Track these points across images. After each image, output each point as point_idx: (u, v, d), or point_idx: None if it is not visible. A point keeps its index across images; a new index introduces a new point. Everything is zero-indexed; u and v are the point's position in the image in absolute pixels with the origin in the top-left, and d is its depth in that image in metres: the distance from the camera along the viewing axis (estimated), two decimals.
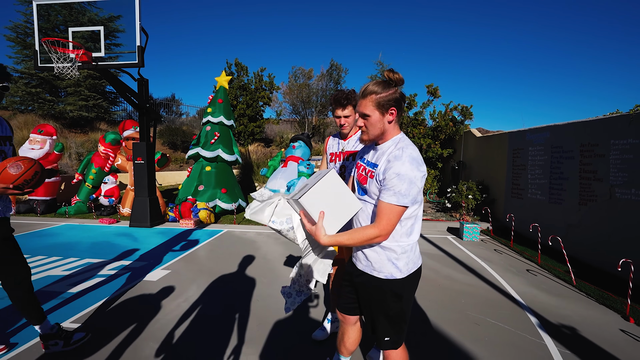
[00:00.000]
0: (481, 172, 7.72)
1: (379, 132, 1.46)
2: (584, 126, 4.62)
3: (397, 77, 1.41)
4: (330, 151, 2.38)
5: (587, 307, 3.23)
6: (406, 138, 1.49)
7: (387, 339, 1.56)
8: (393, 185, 1.33)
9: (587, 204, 4.47)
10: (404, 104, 1.48)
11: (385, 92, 1.41)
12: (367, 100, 1.43)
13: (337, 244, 1.43)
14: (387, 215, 1.35)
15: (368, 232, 1.38)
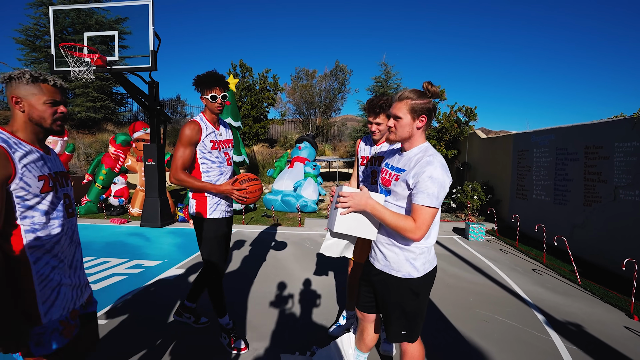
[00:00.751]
0: (486, 173, 7.81)
1: (407, 135, 1.57)
2: (588, 129, 4.70)
3: (434, 90, 1.53)
4: (361, 154, 2.45)
5: (592, 305, 3.32)
6: (432, 147, 1.59)
7: (404, 332, 1.67)
8: (426, 188, 1.43)
9: (592, 205, 4.56)
10: (433, 116, 1.57)
11: (420, 100, 1.52)
12: (402, 104, 1.54)
13: (376, 213, 1.51)
14: (422, 216, 1.44)
15: (407, 223, 1.46)
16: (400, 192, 1.56)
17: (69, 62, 4.93)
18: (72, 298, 1.33)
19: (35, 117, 1.25)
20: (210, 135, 2.23)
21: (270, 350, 2.40)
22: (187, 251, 4.84)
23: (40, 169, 1.24)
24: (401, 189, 1.55)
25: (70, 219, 1.38)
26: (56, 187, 1.30)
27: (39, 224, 1.23)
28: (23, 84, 1.23)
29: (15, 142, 1.20)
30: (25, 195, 1.18)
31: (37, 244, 1.22)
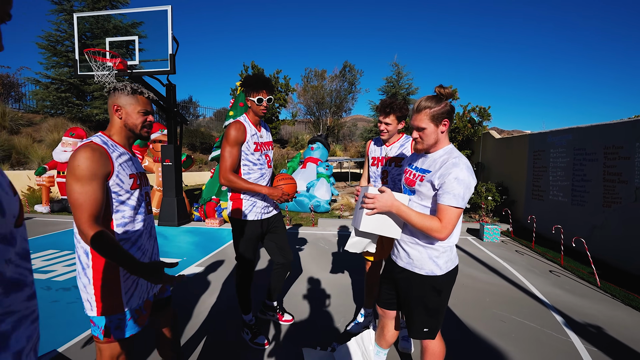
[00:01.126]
0: (500, 174, 7.73)
1: (434, 141, 1.62)
2: (608, 129, 4.63)
3: (447, 92, 1.58)
4: (372, 155, 2.51)
5: (613, 308, 3.28)
6: (456, 149, 1.64)
7: (426, 329, 1.71)
8: (452, 189, 1.48)
9: (612, 205, 4.48)
10: (454, 114, 1.63)
11: (439, 106, 1.57)
12: (422, 115, 1.58)
13: (402, 214, 1.55)
14: (447, 216, 1.49)
15: (432, 223, 1.50)
16: (425, 192, 1.61)
17: (92, 67, 5.11)
18: (147, 289, 1.49)
19: (129, 123, 1.43)
20: (254, 137, 2.27)
21: (292, 345, 2.46)
22: (205, 250, 4.96)
23: (130, 168, 1.42)
24: (426, 189, 1.60)
25: (149, 215, 1.54)
26: (141, 185, 1.47)
27: (128, 217, 1.38)
28: (124, 95, 1.42)
29: (112, 144, 1.38)
30: (119, 191, 1.34)
31: (125, 237, 1.38)
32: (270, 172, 2.42)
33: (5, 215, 0.50)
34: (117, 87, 1.43)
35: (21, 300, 0.55)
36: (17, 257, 0.54)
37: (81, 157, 1.24)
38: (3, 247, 0.51)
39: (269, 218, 2.42)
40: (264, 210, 2.36)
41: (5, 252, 0.51)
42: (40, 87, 12.48)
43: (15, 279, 0.53)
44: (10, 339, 0.52)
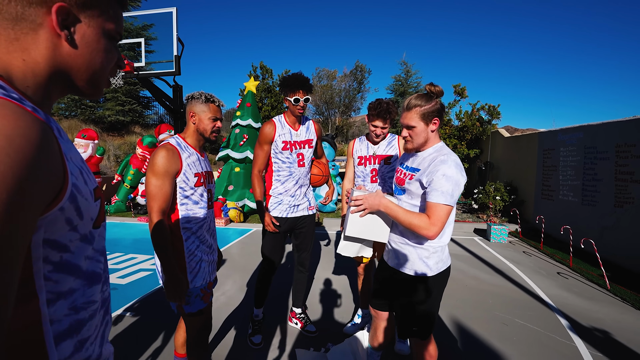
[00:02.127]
0: (509, 173, 7.56)
1: (423, 140, 1.60)
2: (620, 126, 4.48)
3: (438, 90, 1.55)
4: (358, 154, 2.49)
5: (622, 312, 3.17)
6: (446, 147, 1.62)
7: (415, 329, 1.68)
8: (440, 186, 1.45)
9: (624, 206, 4.33)
10: (444, 113, 1.60)
11: (429, 104, 1.54)
12: (412, 113, 1.56)
13: (390, 212, 1.55)
14: (436, 213, 1.46)
15: (421, 220, 1.48)
16: (414, 191, 1.59)
17: None
18: (208, 272, 1.68)
19: (200, 128, 1.61)
20: (284, 136, 2.29)
21: (286, 345, 2.46)
22: None
23: (197, 168, 1.60)
24: (415, 187, 1.58)
25: (210, 210, 1.71)
26: (205, 183, 1.65)
27: (190, 210, 1.58)
28: (199, 103, 1.60)
29: (185, 146, 1.59)
30: (185, 187, 1.55)
31: (187, 226, 1.58)
32: (304, 171, 2.40)
33: (83, 219, 0.56)
34: (193, 96, 1.61)
35: (98, 291, 0.63)
36: (95, 253, 0.62)
37: (158, 155, 1.49)
38: (83, 245, 0.58)
39: (296, 217, 2.42)
40: (290, 210, 2.39)
41: (84, 249, 0.59)
42: None
43: (93, 272, 0.62)
44: (84, 327, 0.59)
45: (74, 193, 0.53)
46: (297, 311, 2.69)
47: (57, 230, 0.52)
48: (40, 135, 0.45)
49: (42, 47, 0.52)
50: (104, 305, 0.67)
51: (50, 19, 0.51)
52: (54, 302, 0.53)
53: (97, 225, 0.61)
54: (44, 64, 0.53)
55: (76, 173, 0.54)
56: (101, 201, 0.63)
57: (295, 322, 2.69)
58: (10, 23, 0.49)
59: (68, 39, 0.54)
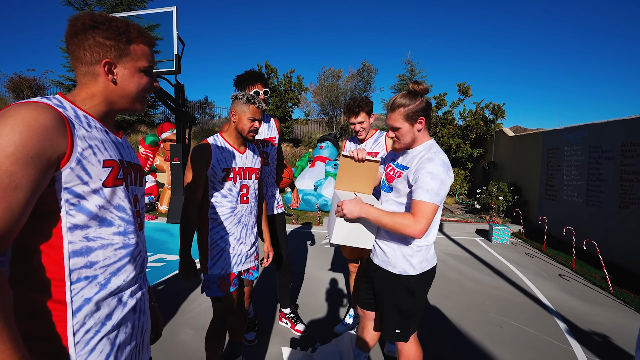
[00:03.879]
0: (513, 173, 7.44)
1: (410, 140, 1.57)
2: (626, 124, 4.36)
3: (422, 88, 1.51)
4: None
5: (624, 316, 3.08)
6: (437, 145, 1.58)
7: (398, 331, 1.64)
8: (426, 184, 1.41)
9: (629, 207, 4.22)
10: (431, 110, 1.57)
11: (413, 103, 1.51)
12: (396, 114, 1.53)
13: (372, 217, 1.49)
14: (420, 211, 1.41)
15: (405, 219, 1.42)
16: (401, 189, 1.57)
17: None
18: (231, 264, 1.75)
19: (239, 127, 1.70)
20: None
21: (275, 344, 2.44)
22: None
23: (228, 163, 1.69)
24: (402, 185, 1.56)
25: (243, 205, 1.77)
26: (235, 178, 1.72)
27: (218, 202, 1.69)
28: (240, 103, 1.67)
29: (221, 143, 1.72)
30: (214, 180, 1.66)
31: (214, 217, 1.69)
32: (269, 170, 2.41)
33: (92, 178, 0.78)
34: (237, 97, 1.68)
35: (109, 233, 0.83)
36: (109, 205, 0.82)
37: (192, 151, 1.66)
38: (94, 196, 0.79)
39: (274, 215, 2.46)
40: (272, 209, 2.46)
41: (96, 199, 0.79)
42: (63, 89, 13.03)
43: (104, 217, 0.82)
44: (93, 252, 0.80)
45: (80, 159, 0.75)
46: (285, 312, 2.67)
47: (72, 182, 0.74)
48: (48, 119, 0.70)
49: (100, 86, 0.86)
50: (125, 248, 0.87)
51: (103, 70, 0.84)
52: (72, 229, 0.76)
53: (107, 184, 0.81)
54: (99, 94, 0.86)
55: (84, 147, 0.76)
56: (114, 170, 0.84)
57: (285, 322, 2.67)
58: (83, 76, 0.85)
59: (113, 80, 0.86)
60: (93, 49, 0.82)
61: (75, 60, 0.84)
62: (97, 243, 0.81)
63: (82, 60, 0.83)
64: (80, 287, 0.78)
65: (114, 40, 0.84)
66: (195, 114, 19.17)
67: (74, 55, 0.83)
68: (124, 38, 0.85)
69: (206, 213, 1.69)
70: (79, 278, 0.78)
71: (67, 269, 0.76)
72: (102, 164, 0.80)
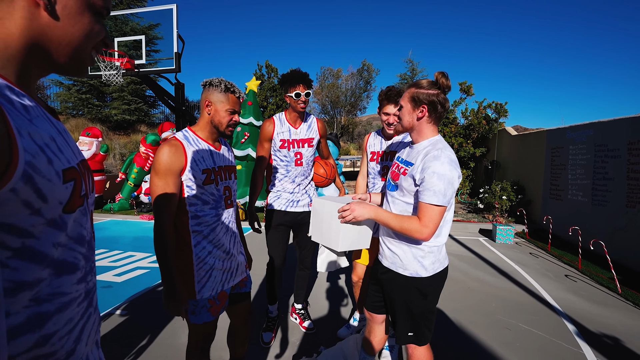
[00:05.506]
0: (516, 172, 7.37)
1: (407, 125, 1.50)
2: (632, 122, 4.29)
3: (444, 82, 1.43)
4: (370, 149, 2.37)
5: (634, 317, 3.02)
6: (444, 141, 1.50)
7: (411, 334, 1.58)
8: (432, 185, 1.35)
9: (636, 206, 4.15)
10: (440, 109, 1.45)
11: (425, 89, 1.43)
12: (407, 92, 1.48)
13: (380, 218, 1.47)
14: (427, 215, 1.36)
15: (411, 223, 1.39)
16: (407, 187, 1.49)
17: (100, 67, 5.22)
18: (222, 280, 1.50)
19: (215, 120, 1.44)
20: (283, 134, 2.25)
21: (281, 349, 2.38)
22: None
23: (206, 163, 1.42)
24: (408, 184, 1.48)
25: (228, 210, 1.53)
26: (217, 180, 1.45)
27: (201, 211, 1.41)
28: (217, 92, 1.42)
29: (194, 139, 1.42)
30: (192, 185, 1.37)
31: (197, 229, 1.41)
32: (301, 171, 2.33)
33: (48, 202, 0.50)
34: (212, 83, 1.42)
35: (72, 283, 0.57)
36: (69, 241, 0.56)
37: (161, 152, 1.33)
38: (51, 230, 0.52)
39: (296, 212, 2.38)
40: (290, 204, 2.35)
41: (53, 235, 0.53)
42: (62, 88, 12.99)
43: (66, 261, 0.56)
44: (49, 321, 0.53)
45: (29, 173, 0.47)
46: (297, 307, 2.66)
47: (13, 213, 0.46)
48: None
49: (18, 16, 0.49)
50: (86, 298, 0.61)
51: None
52: (14, 292, 0.48)
53: (69, 209, 0.55)
54: (18, 35, 0.50)
55: (34, 151, 0.48)
56: (77, 184, 0.56)
57: (295, 317, 2.67)
58: None
59: (48, 8, 0.51)
60: None
61: None
62: (53, 304, 0.54)
63: None
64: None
65: None
66: (195, 113, 19.10)
67: None
68: None
69: (186, 226, 1.40)
70: None
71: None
72: (61, 177, 0.53)
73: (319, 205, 1.67)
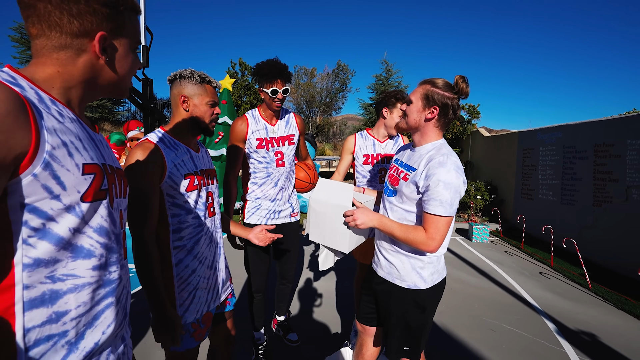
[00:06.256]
0: (489, 172, 7.62)
1: (413, 124, 1.40)
2: (598, 126, 4.51)
3: (464, 88, 1.33)
4: (363, 152, 2.25)
5: (606, 312, 3.14)
6: (447, 145, 1.41)
7: (407, 348, 1.49)
8: (439, 195, 1.26)
9: (602, 205, 4.37)
10: (452, 114, 1.37)
11: (442, 90, 1.34)
12: (420, 88, 1.38)
13: (384, 228, 1.37)
14: (434, 226, 1.28)
15: (417, 235, 1.30)
16: (408, 194, 1.38)
17: None
18: (207, 301, 1.35)
19: (197, 116, 1.29)
20: (259, 132, 1.99)
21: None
22: None
23: (188, 167, 1.27)
24: (409, 190, 1.37)
25: (211, 218, 1.37)
26: (200, 184, 1.30)
27: (184, 222, 1.25)
28: (191, 84, 1.27)
29: (170, 141, 1.26)
30: (173, 193, 1.22)
31: (179, 244, 1.25)
32: (285, 172, 2.08)
33: (66, 189, 0.57)
34: (183, 75, 1.27)
35: (86, 267, 0.62)
36: (88, 228, 0.62)
37: (133, 157, 1.15)
38: (69, 216, 0.58)
39: (278, 225, 2.11)
40: (271, 216, 2.09)
41: (71, 221, 0.59)
42: None
43: (82, 247, 0.61)
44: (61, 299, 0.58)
45: (49, 162, 0.54)
46: (279, 319, 2.47)
47: (35, 196, 0.54)
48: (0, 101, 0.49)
49: (81, 64, 0.64)
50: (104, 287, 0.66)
51: (93, 44, 0.63)
52: (31, 267, 0.54)
53: (88, 199, 0.61)
54: (77, 76, 0.64)
55: (57, 144, 0.56)
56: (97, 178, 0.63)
57: (278, 329, 2.47)
58: (57, 49, 0.61)
59: (106, 61, 0.66)
60: (84, 17, 0.61)
61: (47, 26, 0.60)
62: (67, 284, 0.59)
63: (62, 29, 0.60)
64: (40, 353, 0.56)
65: (111, 8, 0.64)
66: (165, 111, 18.26)
67: (48, 20, 0.59)
68: (121, 6, 0.66)
69: (166, 242, 1.23)
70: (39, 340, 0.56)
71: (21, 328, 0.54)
72: (81, 169, 0.60)
73: (320, 207, 1.55)
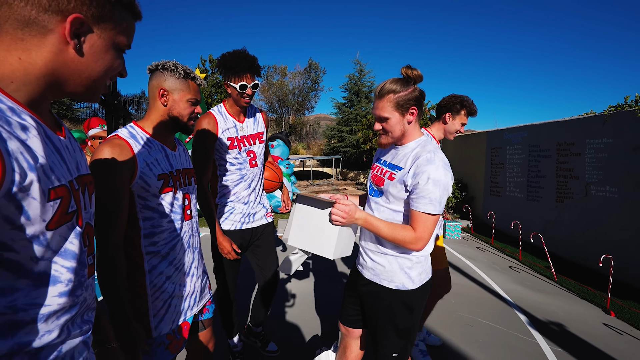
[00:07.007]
0: (459, 170, 7.88)
1: (399, 134, 1.36)
2: (560, 126, 4.78)
3: (416, 74, 1.31)
4: None
5: (570, 302, 3.32)
6: (431, 141, 1.40)
7: (395, 354, 1.46)
8: (428, 192, 1.23)
9: (564, 201, 4.63)
10: (424, 101, 1.37)
11: (405, 90, 1.30)
12: (385, 101, 1.31)
13: (370, 226, 1.31)
14: (422, 224, 1.26)
15: (405, 233, 1.27)
16: (395, 194, 1.35)
17: None
18: (183, 309, 1.26)
19: (175, 112, 1.20)
20: (229, 131, 1.84)
21: None
22: None
23: (162, 167, 1.17)
24: (396, 190, 1.34)
25: (188, 222, 1.28)
26: (176, 185, 1.21)
27: (157, 227, 1.16)
28: (174, 77, 1.17)
29: (144, 137, 1.16)
30: (146, 195, 1.12)
31: (153, 249, 1.16)
32: (258, 172, 1.97)
33: (30, 219, 0.51)
34: (166, 67, 1.16)
35: (52, 295, 0.57)
36: (52, 255, 0.56)
37: (100, 155, 1.05)
38: (32, 245, 0.53)
39: (253, 229, 1.99)
40: (245, 220, 1.94)
41: (34, 250, 0.53)
42: None
43: (44, 273, 0.56)
44: (21, 330, 0.53)
45: (13, 191, 0.48)
46: (256, 330, 2.27)
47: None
48: None
49: (46, 50, 0.55)
50: (70, 311, 0.61)
51: (63, 26, 0.54)
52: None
53: (52, 226, 0.55)
54: (40, 65, 0.55)
55: (21, 171, 0.48)
56: (63, 202, 0.56)
57: (254, 340, 2.27)
58: (21, 24, 0.52)
59: (76, 47, 0.57)
60: None
61: None
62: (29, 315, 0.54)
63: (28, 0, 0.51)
64: None
65: None
66: (129, 109, 17.34)
67: None
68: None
69: (137, 247, 1.14)
70: None
71: None
72: (47, 195, 0.52)
73: (306, 210, 1.44)
